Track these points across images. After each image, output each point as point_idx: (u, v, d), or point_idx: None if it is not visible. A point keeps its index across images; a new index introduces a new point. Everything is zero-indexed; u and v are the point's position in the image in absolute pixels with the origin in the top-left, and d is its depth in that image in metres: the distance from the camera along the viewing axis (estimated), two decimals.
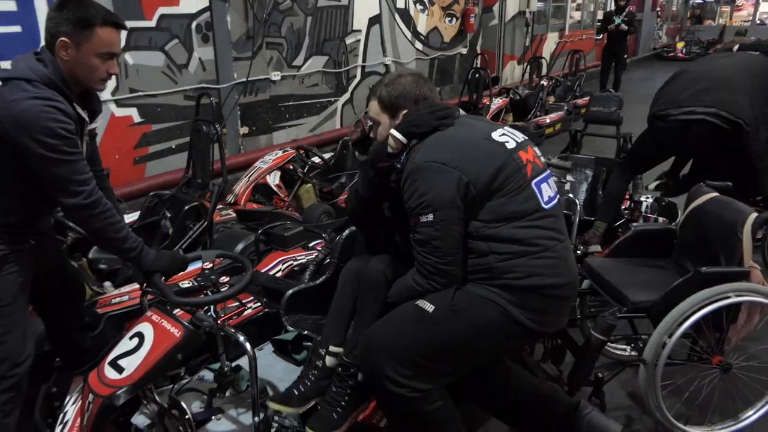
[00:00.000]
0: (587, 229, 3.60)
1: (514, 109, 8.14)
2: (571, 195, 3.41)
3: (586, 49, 12.95)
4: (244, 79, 5.52)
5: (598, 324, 2.18)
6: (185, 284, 2.26)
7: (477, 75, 7.96)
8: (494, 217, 1.72)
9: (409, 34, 8.12)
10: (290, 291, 2.29)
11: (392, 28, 7.76)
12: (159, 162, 5.01)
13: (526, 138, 1.90)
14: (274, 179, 4.77)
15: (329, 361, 2.01)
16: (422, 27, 8.39)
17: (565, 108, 8.40)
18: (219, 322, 1.76)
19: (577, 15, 13.84)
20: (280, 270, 2.98)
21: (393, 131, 1.84)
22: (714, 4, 23.41)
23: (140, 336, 1.64)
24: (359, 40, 7.20)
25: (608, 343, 2.38)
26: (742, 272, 2.23)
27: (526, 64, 10.50)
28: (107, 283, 2.95)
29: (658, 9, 19.79)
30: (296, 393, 1.98)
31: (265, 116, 5.99)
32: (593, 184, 3.95)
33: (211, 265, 1.95)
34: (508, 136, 1.84)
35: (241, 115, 5.68)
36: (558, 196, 1.89)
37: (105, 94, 4.51)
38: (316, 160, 5.14)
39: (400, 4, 7.81)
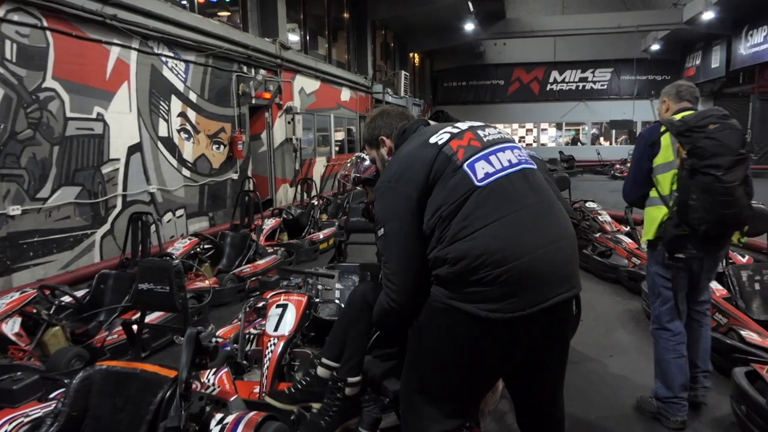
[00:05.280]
0: None
1: (288, 227, 8.38)
2: (337, 300, 3.55)
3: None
4: None
5: (364, 419, 2.22)
6: None
7: (247, 198, 8.13)
8: (431, 209, 1.75)
9: (174, 162, 8.03)
10: None
11: (155, 156, 7.60)
12: None
13: (474, 125, 1.93)
14: (12, 327, 4.07)
15: (321, 371, 2.34)
16: (189, 154, 8.38)
17: (337, 224, 8.95)
18: None
19: (342, 141, 15.33)
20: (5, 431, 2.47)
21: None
22: None
23: None
24: (118, 169, 6.88)
25: None
26: None
27: (297, 186, 11.10)
28: None
29: None
30: (287, 393, 2.39)
31: (0, 256, 5.20)
32: None
33: None
34: (446, 134, 1.86)
35: None
36: (518, 164, 1.82)
37: None
38: (66, 299, 4.56)
39: (163, 132, 7.76)
